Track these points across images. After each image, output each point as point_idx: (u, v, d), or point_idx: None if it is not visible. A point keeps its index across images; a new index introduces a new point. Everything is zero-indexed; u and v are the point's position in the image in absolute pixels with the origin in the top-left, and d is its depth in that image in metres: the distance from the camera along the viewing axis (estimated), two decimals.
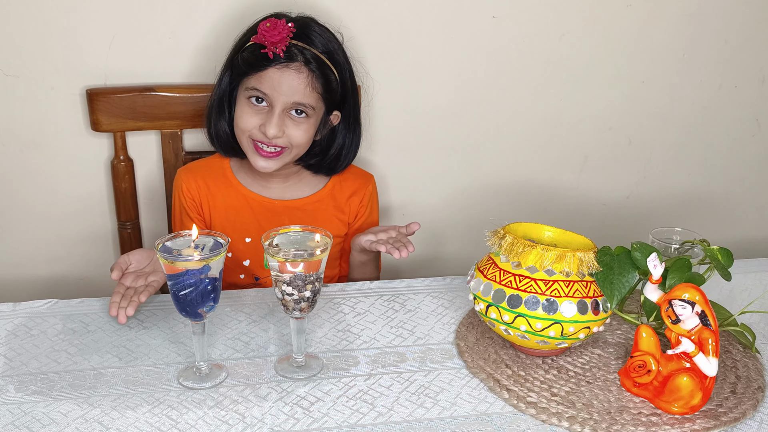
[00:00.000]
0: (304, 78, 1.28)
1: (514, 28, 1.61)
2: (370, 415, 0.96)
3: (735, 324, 1.09)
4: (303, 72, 1.28)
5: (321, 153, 1.41)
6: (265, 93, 1.28)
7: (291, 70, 1.27)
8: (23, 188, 1.53)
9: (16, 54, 1.43)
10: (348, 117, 1.40)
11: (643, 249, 1.01)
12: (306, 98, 1.29)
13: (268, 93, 1.28)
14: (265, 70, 1.27)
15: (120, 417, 0.94)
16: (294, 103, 1.29)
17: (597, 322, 1.02)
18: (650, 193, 1.85)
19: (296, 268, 0.98)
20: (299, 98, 1.29)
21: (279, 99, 1.28)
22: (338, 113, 1.39)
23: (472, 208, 1.76)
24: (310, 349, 1.10)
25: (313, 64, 1.29)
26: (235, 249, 1.40)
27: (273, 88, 1.28)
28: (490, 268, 1.06)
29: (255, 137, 1.31)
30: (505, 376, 1.03)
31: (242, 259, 1.41)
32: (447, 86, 1.64)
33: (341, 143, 1.41)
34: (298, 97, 1.28)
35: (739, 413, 0.96)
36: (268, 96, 1.29)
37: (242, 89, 1.32)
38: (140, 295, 1.15)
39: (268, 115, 1.29)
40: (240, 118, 1.32)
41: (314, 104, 1.31)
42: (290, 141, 1.32)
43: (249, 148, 1.33)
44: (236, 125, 1.33)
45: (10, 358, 1.07)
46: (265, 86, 1.28)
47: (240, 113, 1.32)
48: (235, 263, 1.41)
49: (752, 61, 1.76)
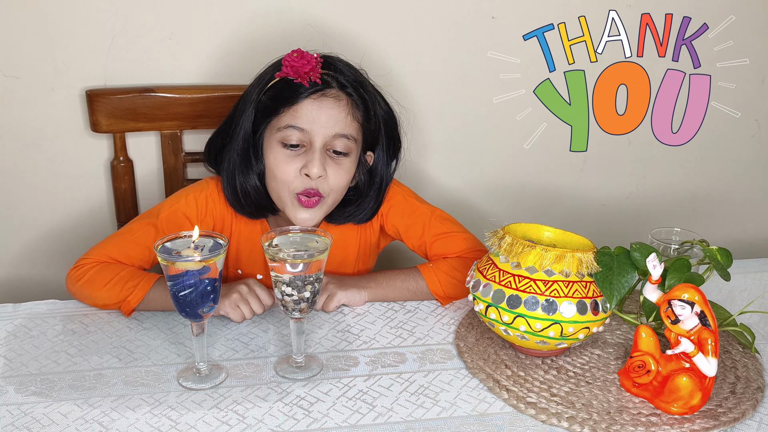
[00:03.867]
0: (345, 105, 1.16)
1: (514, 28, 1.62)
2: (369, 416, 0.96)
3: (734, 324, 1.09)
4: (342, 99, 1.16)
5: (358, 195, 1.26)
6: (302, 128, 1.14)
7: (329, 98, 1.15)
8: (23, 188, 1.53)
9: (16, 54, 1.43)
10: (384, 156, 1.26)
11: (643, 249, 1.01)
12: (348, 128, 1.16)
13: (306, 128, 1.14)
14: (300, 102, 1.14)
15: (120, 418, 0.94)
16: (335, 135, 1.15)
17: (596, 322, 1.02)
18: (649, 193, 1.85)
19: (296, 269, 0.98)
20: (341, 129, 1.16)
21: (319, 132, 1.14)
22: (371, 154, 1.26)
23: (471, 208, 1.76)
24: (309, 350, 1.10)
25: (349, 88, 1.17)
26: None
27: (311, 121, 1.14)
28: (490, 269, 1.06)
29: (297, 190, 1.16)
30: (505, 376, 1.03)
31: None
32: (447, 86, 1.64)
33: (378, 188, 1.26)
34: (339, 128, 1.15)
35: (738, 413, 0.96)
36: (306, 132, 1.15)
37: (272, 132, 1.18)
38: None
39: (307, 155, 1.15)
40: (277, 168, 1.16)
41: (355, 136, 1.18)
42: (329, 185, 1.18)
43: (289, 202, 1.18)
44: (273, 177, 1.18)
45: (10, 359, 1.07)
46: (302, 120, 1.14)
47: (275, 162, 1.16)
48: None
49: (752, 61, 1.76)
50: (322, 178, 1.16)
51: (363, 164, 1.24)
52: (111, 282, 1.16)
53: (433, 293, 1.24)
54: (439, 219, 1.31)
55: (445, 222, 1.32)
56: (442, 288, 1.24)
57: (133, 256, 1.21)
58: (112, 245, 1.22)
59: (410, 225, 1.31)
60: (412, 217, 1.31)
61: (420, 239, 1.30)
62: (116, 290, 1.16)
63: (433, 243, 1.29)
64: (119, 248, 1.21)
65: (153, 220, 1.23)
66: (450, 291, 1.24)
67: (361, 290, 1.23)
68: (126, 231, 1.24)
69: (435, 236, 1.29)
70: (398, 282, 1.25)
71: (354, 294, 1.22)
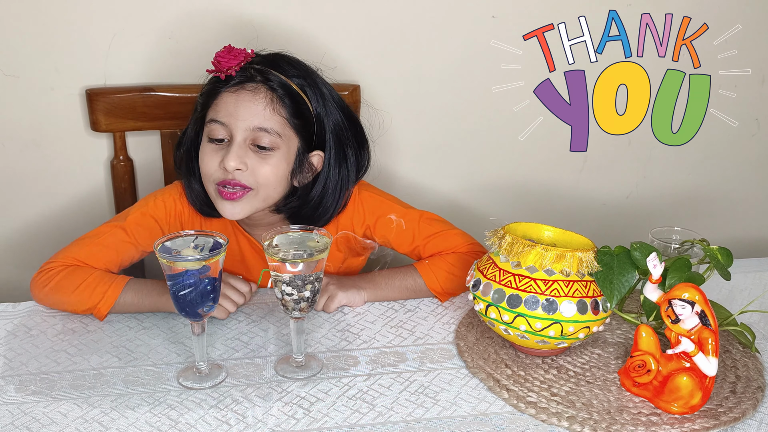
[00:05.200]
0: (262, 98, 1.15)
1: (514, 28, 1.62)
2: (369, 415, 0.96)
3: (735, 324, 1.09)
4: (260, 92, 1.15)
5: (300, 199, 1.23)
6: (222, 122, 1.15)
7: (246, 92, 1.15)
8: (23, 188, 1.53)
9: (16, 54, 1.43)
10: (332, 158, 1.22)
11: (643, 249, 1.01)
12: (267, 122, 1.15)
13: (225, 121, 1.15)
14: (219, 96, 1.16)
15: (120, 417, 0.94)
16: (255, 128, 1.14)
17: (597, 321, 1.02)
18: (650, 192, 1.85)
19: (296, 269, 0.98)
20: (259, 122, 1.14)
21: (237, 125, 1.14)
22: (320, 154, 1.23)
23: (471, 208, 1.76)
24: (309, 349, 1.10)
25: (273, 83, 1.16)
26: None
27: (229, 114, 1.14)
28: (490, 268, 1.06)
29: (218, 180, 1.16)
30: (505, 375, 1.03)
31: None
32: (447, 86, 1.64)
33: (321, 190, 1.22)
34: (258, 121, 1.14)
35: (738, 413, 0.96)
36: (225, 126, 1.15)
37: (204, 132, 1.19)
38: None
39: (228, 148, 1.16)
40: (202, 162, 1.18)
41: (279, 131, 1.16)
42: (255, 179, 1.16)
43: (214, 195, 1.18)
44: (202, 173, 1.19)
45: (10, 358, 1.07)
46: (221, 114, 1.15)
47: (201, 157, 1.18)
48: None
49: (752, 61, 1.76)
50: (242, 171, 1.15)
51: (307, 164, 1.22)
52: (80, 287, 1.14)
53: (431, 290, 1.24)
54: (428, 221, 1.30)
55: (434, 223, 1.31)
56: (440, 284, 1.24)
57: (100, 258, 1.19)
58: (78, 247, 1.20)
59: (399, 232, 1.29)
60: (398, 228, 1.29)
61: (412, 244, 1.30)
62: (86, 295, 1.14)
63: (426, 245, 1.29)
64: (86, 250, 1.19)
65: (121, 222, 1.22)
66: (448, 287, 1.24)
67: (361, 291, 1.23)
68: (93, 234, 1.22)
69: (426, 238, 1.29)
70: (396, 281, 1.25)
71: (354, 295, 1.22)
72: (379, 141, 1.65)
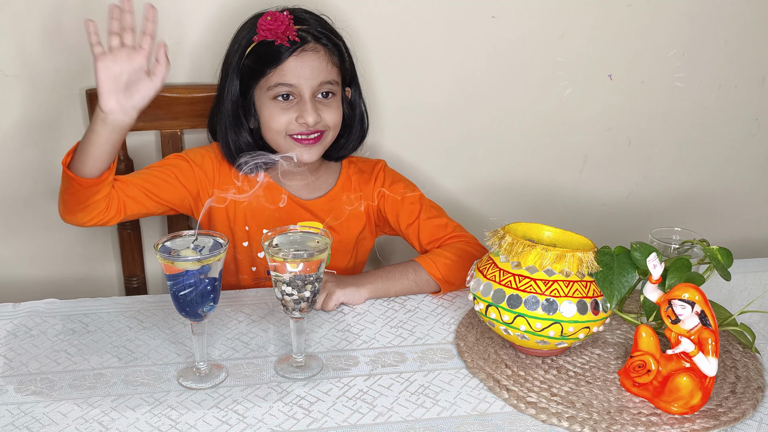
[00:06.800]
0: (323, 55, 1.28)
1: (514, 28, 1.62)
2: (369, 415, 0.96)
3: (735, 324, 1.09)
4: (320, 50, 1.28)
5: (346, 129, 1.38)
6: (291, 84, 1.26)
7: (309, 52, 1.27)
8: (23, 188, 1.53)
9: (16, 54, 1.43)
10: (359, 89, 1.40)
11: (643, 249, 1.01)
12: (330, 75, 1.29)
13: (294, 82, 1.26)
14: (284, 62, 1.26)
15: (120, 417, 0.94)
16: (321, 83, 1.28)
17: (597, 322, 1.02)
18: (650, 193, 1.85)
19: (296, 268, 0.98)
20: (324, 77, 1.28)
21: (306, 85, 1.27)
22: (349, 89, 1.39)
23: (471, 208, 1.76)
24: (309, 349, 1.10)
25: (323, 38, 1.28)
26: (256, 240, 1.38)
27: (298, 76, 1.26)
28: (490, 268, 1.06)
29: (293, 132, 1.29)
30: (505, 376, 1.03)
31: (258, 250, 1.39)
32: (446, 86, 1.64)
33: (361, 112, 1.40)
34: (323, 76, 1.28)
35: (738, 413, 0.96)
36: (294, 86, 1.27)
37: (262, 92, 1.29)
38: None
39: (299, 105, 1.28)
40: (272, 120, 1.29)
41: (336, 78, 1.31)
42: (326, 123, 1.30)
43: (289, 146, 1.30)
44: (269, 129, 1.30)
45: (10, 358, 1.07)
46: (289, 77, 1.26)
47: (270, 116, 1.29)
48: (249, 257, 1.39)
49: (752, 61, 1.76)
50: (320, 123, 1.29)
51: (344, 99, 1.37)
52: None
53: (431, 275, 1.27)
54: (428, 203, 1.43)
55: (432, 209, 1.42)
56: (439, 271, 1.28)
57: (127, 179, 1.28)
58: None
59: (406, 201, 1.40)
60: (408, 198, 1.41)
61: (415, 218, 1.39)
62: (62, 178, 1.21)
63: (425, 221, 1.39)
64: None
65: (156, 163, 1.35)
66: (447, 274, 1.28)
67: (360, 288, 1.23)
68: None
69: (427, 218, 1.39)
70: (396, 273, 1.28)
71: (353, 292, 1.22)
72: (379, 141, 1.65)
